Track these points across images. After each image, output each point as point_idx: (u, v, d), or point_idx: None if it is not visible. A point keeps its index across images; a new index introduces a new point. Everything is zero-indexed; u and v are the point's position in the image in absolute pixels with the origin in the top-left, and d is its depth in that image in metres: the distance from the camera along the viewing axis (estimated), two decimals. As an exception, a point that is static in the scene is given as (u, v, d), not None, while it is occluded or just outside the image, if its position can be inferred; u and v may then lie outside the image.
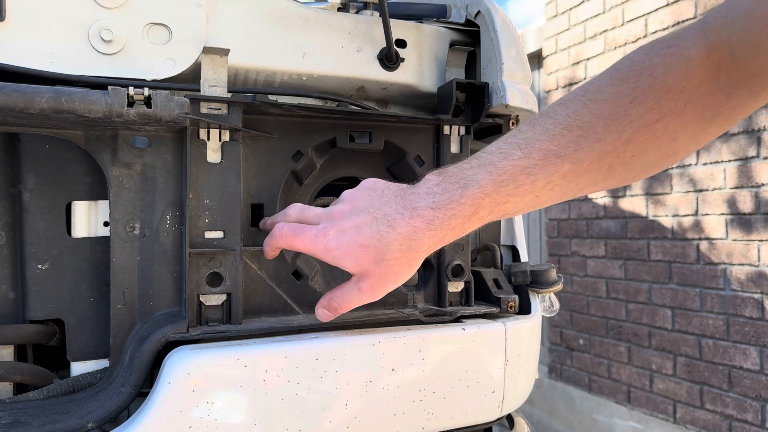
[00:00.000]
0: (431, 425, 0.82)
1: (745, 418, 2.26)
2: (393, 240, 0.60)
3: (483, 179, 0.57)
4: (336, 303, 0.68)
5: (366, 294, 0.65)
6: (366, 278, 0.63)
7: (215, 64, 0.74)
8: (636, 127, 0.52)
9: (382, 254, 0.60)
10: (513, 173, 0.56)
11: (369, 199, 0.64)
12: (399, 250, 0.60)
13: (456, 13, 1.00)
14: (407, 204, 0.61)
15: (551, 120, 0.56)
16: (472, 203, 0.57)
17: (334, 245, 0.63)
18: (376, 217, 0.61)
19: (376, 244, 0.60)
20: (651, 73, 0.52)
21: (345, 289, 0.67)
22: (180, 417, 0.67)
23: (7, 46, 0.69)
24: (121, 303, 0.73)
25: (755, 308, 2.23)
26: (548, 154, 0.55)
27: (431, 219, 0.59)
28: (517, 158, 0.56)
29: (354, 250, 0.62)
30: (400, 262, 0.61)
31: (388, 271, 0.62)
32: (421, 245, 0.60)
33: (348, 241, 0.62)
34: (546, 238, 3.48)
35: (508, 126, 0.92)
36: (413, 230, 0.59)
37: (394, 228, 0.60)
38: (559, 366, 3.33)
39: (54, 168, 0.74)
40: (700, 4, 2.45)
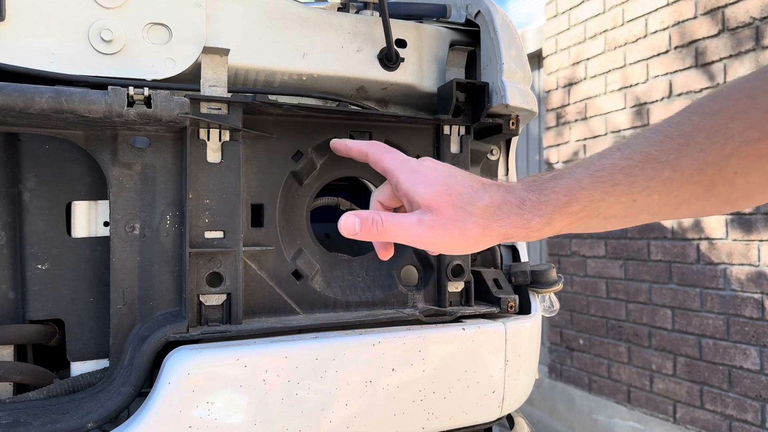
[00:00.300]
0: (431, 425, 0.82)
1: (745, 418, 2.26)
2: (482, 199, 0.58)
3: (579, 173, 0.56)
4: (382, 219, 0.61)
5: (423, 228, 0.59)
6: (432, 214, 0.59)
7: (215, 64, 0.74)
8: (738, 142, 0.51)
9: (465, 203, 0.58)
10: (611, 171, 0.55)
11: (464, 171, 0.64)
12: (483, 209, 0.58)
13: (456, 13, 1.00)
14: (503, 184, 0.60)
15: (652, 130, 0.56)
16: (566, 193, 0.56)
17: (421, 170, 0.61)
18: (473, 178, 0.61)
19: (464, 192, 0.59)
20: (750, 93, 0.51)
21: (402, 214, 0.61)
22: (180, 417, 0.67)
23: (7, 46, 0.69)
24: (121, 303, 0.73)
25: (755, 308, 2.23)
26: (649, 158, 0.54)
27: (523, 198, 0.57)
28: (617, 158, 0.55)
29: (439, 184, 0.60)
30: (476, 221, 0.58)
31: (459, 219, 0.58)
32: (505, 219, 0.58)
33: (437, 176, 0.61)
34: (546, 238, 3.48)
35: (508, 126, 0.92)
36: (503, 201, 0.58)
37: (486, 190, 0.59)
38: (559, 366, 3.33)
39: (54, 168, 0.74)
40: (700, 4, 2.45)
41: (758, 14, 2.19)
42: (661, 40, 2.64)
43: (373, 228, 0.61)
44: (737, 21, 2.28)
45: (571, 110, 3.22)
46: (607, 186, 0.55)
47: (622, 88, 2.86)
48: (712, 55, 2.39)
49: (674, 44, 2.58)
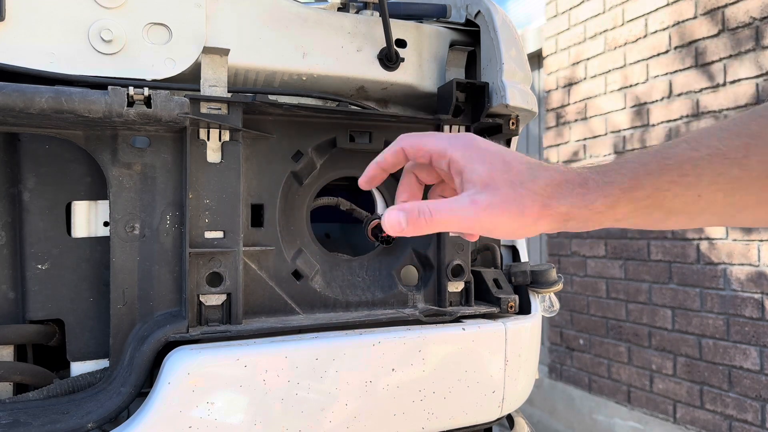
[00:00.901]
0: (431, 425, 0.82)
1: (745, 418, 2.26)
2: (542, 176, 0.54)
3: (646, 158, 0.54)
4: (429, 209, 0.55)
5: (478, 209, 0.53)
6: (488, 192, 0.54)
7: (215, 64, 0.74)
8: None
9: (524, 180, 0.53)
10: (679, 160, 0.53)
11: None
12: (542, 189, 0.53)
13: (456, 13, 1.00)
14: (562, 166, 0.56)
15: (717, 128, 0.54)
16: (632, 176, 0.53)
17: (476, 147, 0.56)
18: (529, 157, 0.57)
19: (522, 168, 0.54)
20: None
21: (449, 200, 0.55)
22: (180, 417, 0.67)
23: (7, 46, 0.69)
24: (121, 303, 0.73)
25: (755, 308, 2.23)
26: (716, 153, 0.52)
27: (586, 177, 0.54)
28: (684, 149, 0.53)
29: (495, 160, 0.55)
30: (535, 199, 0.53)
31: (518, 198, 0.53)
32: (566, 196, 0.53)
33: (492, 152, 0.55)
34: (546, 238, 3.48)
35: (508, 126, 0.92)
36: (565, 180, 0.54)
37: (547, 169, 0.55)
38: (559, 366, 3.33)
39: (54, 168, 0.74)
40: (700, 4, 2.45)
41: (758, 14, 2.19)
42: (661, 40, 2.64)
43: (421, 220, 0.55)
44: (737, 21, 2.28)
45: (571, 110, 3.22)
46: (674, 175, 0.52)
47: (622, 88, 2.86)
48: (712, 55, 2.39)
49: (674, 44, 2.58)
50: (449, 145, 0.57)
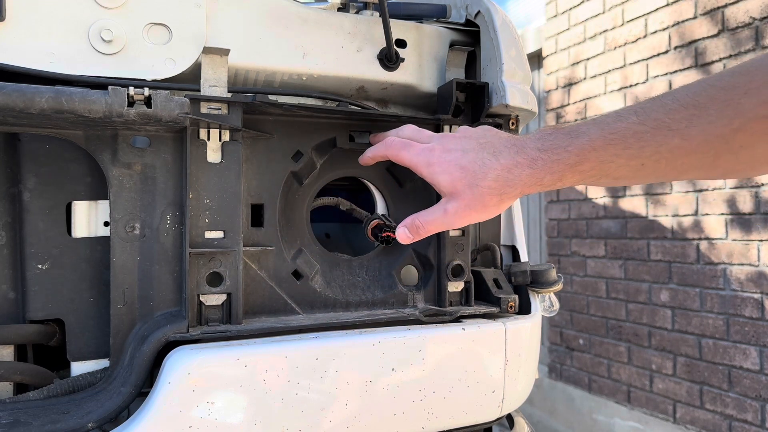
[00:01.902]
0: (431, 425, 0.82)
1: (745, 418, 2.26)
2: (492, 168, 0.63)
3: (594, 133, 0.59)
4: (420, 221, 0.70)
5: (450, 216, 0.67)
6: (455, 200, 0.66)
7: (215, 64, 0.74)
8: (747, 118, 0.53)
9: (479, 180, 0.64)
10: (624, 134, 0.58)
11: (481, 132, 0.68)
12: (495, 180, 0.63)
13: (456, 13, 1.00)
14: (516, 142, 0.64)
15: (671, 97, 0.58)
16: (579, 153, 0.59)
17: (436, 161, 0.67)
18: (483, 145, 0.65)
19: (476, 168, 0.64)
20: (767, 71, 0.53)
21: (431, 210, 0.70)
22: (180, 417, 0.67)
23: (7, 46, 0.69)
24: (121, 303, 0.73)
25: (755, 308, 2.23)
26: (661, 125, 0.56)
27: (534, 158, 0.62)
28: (631, 122, 0.58)
29: (453, 169, 0.65)
30: (492, 192, 0.64)
31: (478, 197, 0.64)
32: (518, 181, 0.62)
33: (450, 160, 0.66)
34: (546, 238, 3.48)
35: (508, 126, 0.92)
36: (515, 164, 0.62)
37: (497, 158, 0.63)
38: (559, 366, 3.33)
39: (54, 168, 0.74)
40: (700, 4, 2.45)
41: (758, 14, 2.19)
42: (661, 40, 2.64)
43: (419, 231, 0.71)
44: (737, 21, 2.28)
45: (571, 110, 3.22)
46: (618, 149, 0.58)
47: (622, 88, 2.86)
48: (711, 55, 2.39)
49: (674, 44, 2.58)
50: (417, 164, 0.69)
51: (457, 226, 0.69)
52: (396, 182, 0.94)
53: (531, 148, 0.62)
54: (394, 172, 0.93)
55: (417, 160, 0.69)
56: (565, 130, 0.62)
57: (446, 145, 0.68)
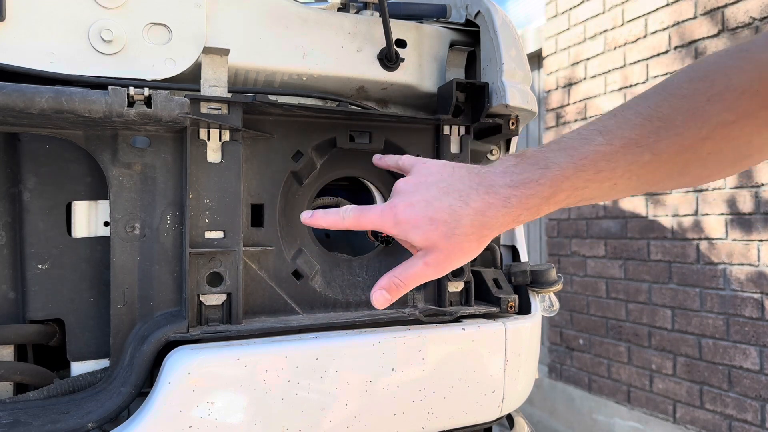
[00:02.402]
0: (431, 425, 0.82)
1: (745, 418, 2.26)
2: (465, 215, 0.60)
3: (564, 162, 0.57)
4: (399, 279, 0.64)
5: (431, 269, 0.63)
6: (432, 252, 0.62)
7: (215, 64, 0.74)
8: (713, 125, 0.52)
9: (453, 229, 0.60)
10: (594, 158, 0.56)
11: (439, 175, 0.64)
12: (471, 225, 0.60)
13: (456, 13, 1.00)
14: (482, 181, 0.60)
15: (632, 111, 0.57)
16: (552, 185, 0.57)
17: (403, 218, 0.62)
18: (447, 192, 0.61)
19: (447, 218, 0.60)
20: (725, 73, 0.52)
21: (409, 264, 0.64)
22: (180, 417, 0.67)
23: (7, 46, 0.69)
24: (121, 303, 0.73)
25: (755, 308, 2.23)
26: (629, 143, 0.55)
27: (507, 197, 0.58)
28: (599, 144, 0.56)
29: (423, 223, 0.61)
30: (470, 238, 0.61)
31: (456, 246, 0.61)
32: (494, 222, 0.59)
33: (417, 215, 0.62)
34: (546, 238, 3.48)
35: (508, 126, 0.92)
36: (487, 206, 0.59)
37: (467, 203, 0.60)
38: (559, 366, 3.33)
39: (54, 168, 0.74)
40: (700, 4, 2.45)
41: (758, 14, 2.19)
42: (661, 40, 2.64)
43: (399, 289, 0.65)
44: (737, 21, 2.28)
45: (571, 110, 3.22)
46: (590, 173, 0.56)
47: (622, 88, 2.86)
48: (711, 55, 2.39)
49: (674, 44, 2.58)
50: (384, 225, 0.64)
51: (440, 275, 0.65)
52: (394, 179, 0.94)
53: (501, 185, 0.59)
54: (395, 172, 0.93)
55: (382, 221, 0.64)
56: (531, 159, 0.59)
57: (407, 198, 0.63)
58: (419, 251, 0.64)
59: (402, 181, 0.66)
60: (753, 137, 0.54)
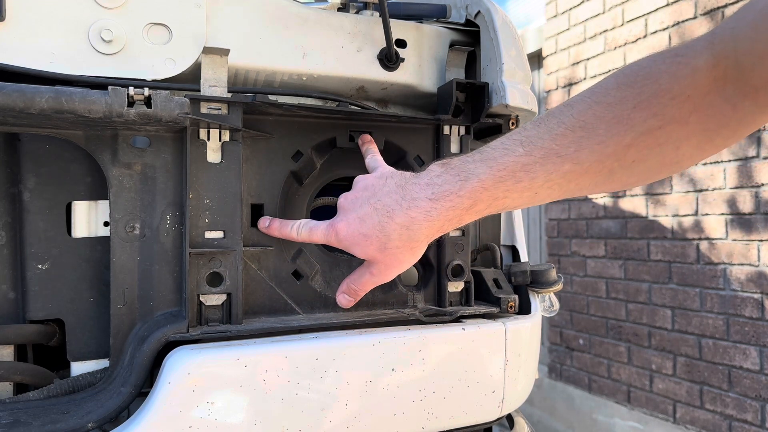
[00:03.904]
0: (431, 425, 0.82)
1: (745, 418, 2.26)
2: (392, 230, 0.64)
3: (483, 173, 0.59)
4: (354, 286, 0.73)
5: (377, 277, 0.70)
6: (374, 264, 0.69)
7: (215, 64, 0.74)
8: (638, 132, 0.52)
9: (384, 243, 0.65)
10: (513, 169, 0.57)
11: (372, 189, 0.68)
12: (399, 239, 0.64)
13: (456, 13, 1.00)
14: (406, 195, 0.64)
15: (556, 120, 0.57)
16: (470, 196, 0.59)
17: (343, 236, 0.68)
18: (377, 208, 0.65)
19: (378, 234, 0.65)
20: (656, 79, 0.52)
21: (358, 273, 0.72)
22: (180, 417, 0.67)
23: (7, 46, 0.69)
24: (121, 303, 0.73)
25: (755, 308, 2.23)
26: (549, 153, 0.56)
27: (428, 210, 0.62)
28: (519, 155, 0.57)
29: (359, 240, 0.66)
30: (402, 250, 0.65)
31: (392, 258, 0.66)
32: (419, 234, 0.63)
33: (353, 232, 0.67)
34: (546, 238, 3.48)
35: (508, 126, 0.92)
36: (411, 221, 0.62)
37: (392, 218, 0.63)
38: (559, 366, 3.33)
39: (54, 168, 0.74)
40: (700, 4, 2.45)
41: (758, 14, 2.19)
42: (661, 40, 2.64)
43: (357, 293, 0.75)
44: (737, 21, 2.27)
45: (571, 110, 3.22)
46: (509, 184, 0.58)
47: (622, 88, 2.86)
48: (711, 55, 2.39)
49: (674, 44, 2.57)
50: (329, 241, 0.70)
51: (387, 280, 0.71)
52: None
53: (422, 198, 0.62)
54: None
55: (326, 239, 0.70)
56: (455, 170, 0.61)
57: (346, 216, 0.68)
58: (365, 262, 0.70)
59: (343, 197, 0.71)
60: (681, 143, 0.53)
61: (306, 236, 0.73)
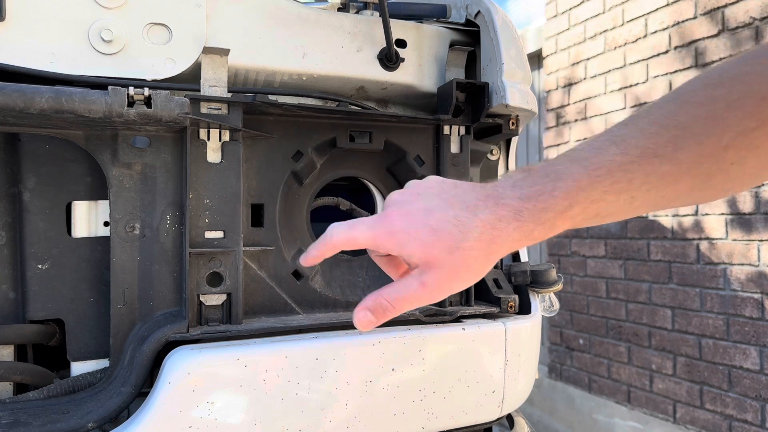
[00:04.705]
0: (431, 425, 0.82)
1: (745, 418, 2.26)
2: (473, 226, 0.53)
3: (577, 172, 0.52)
4: (388, 300, 0.56)
5: (429, 290, 0.55)
6: (432, 270, 0.54)
7: (215, 64, 0.74)
8: (735, 132, 0.49)
9: (458, 241, 0.53)
10: (610, 168, 0.52)
11: (440, 187, 0.57)
12: (478, 240, 0.53)
13: (456, 13, 1.00)
14: (490, 194, 0.54)
15: (645, 120, 0.53)
16: (566, 197, 0.52)
17: (399, 227, 0.55)
18: (452, 203, 0.55)
19: (451, 229, 0.53)
20: (743, 80, 0.49)
21: (402, 285, 0.56)
22: (180, 417, 0.67)
23: (7, 46, 0.69)
24: (121, 303, 0.73)
25: (755, 308, 2.23)
26: (646, 152, 0.51)
27: (519, 209, 0.53)
28: (613, 154, 0.52)
29: (423, 233, 0.54)
30: (477, 254, 0.53)
31: (461, 262, 0.53)
32: (505, 237, 0.53)
33: (416, 223, 0.54)
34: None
35: (508, 126, 0.92)
36: (498, 218, 0.53)
37: (475, 214, 0.53)
38: (559, 366, 3.33)
39: (54, 168, 0.74)
40: (700, 4, 2.45)
41: (758, 14, 2.19)
42: (661, 40, 2.64)
43: (387, 312, 0.57)
44: (737, 21, 2.28)
45: (571, 110, 3.22)
46: (606, 185, 0.52)
47: (622, 88, 2.86)
48: (711, 55, 2.39)
49: (674, 44, 2.58)
50: (376, 236, 0.56)
51: (438, 299, 0.56)
52: (396, 182, 0.94)
53: (510, 197, 0.53)
54: (394, 172, 0.93)
55: (372, 234, 0.56)
56: (541, 172, 0.54)
57: (404, 207, 0.56)
58: (414, 270, 0.56)
59: (397, 192, 0.59)
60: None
61: (343, 240, 0.58)
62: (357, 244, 0.58)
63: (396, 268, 0.65)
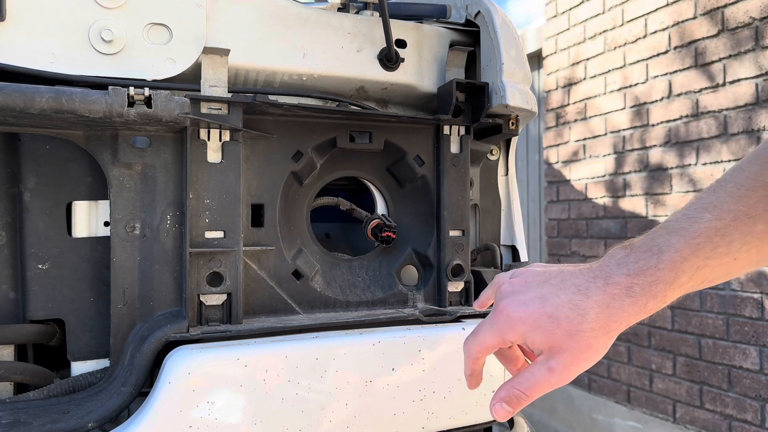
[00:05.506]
0: (431, 425, 0.82)
1: (745, 417, 2.26)
2: (589, 308, 0.56)
3: (677, 243, 0.55)
4: (521, 390, 0.59)
5: (557, 374, 0.57)
6: (557, 355, 0.57)
7: (215, 64, 0.74)
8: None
9: (578, 325, 0.56)
10: (708, 235, 0.54)
11: (547, 273, 0.61)
12: (596, 320, 0.56)
13: (456, 13, 1.00)
14: (598, 274, 0.57)
15: (732, 184, 0.55)
16: (672, 268, 0.54)
17: (517, 317, 0.58)
18: (563, 288, 0.58)
19: (569, 313, 0.56)
20: None
21: (531, 373, 0.59)
22: (180, 417, 0.67)
23: (7, 46, 0.69)
24: (122, 303, 0.73)
25: (755, 308, 2.23)
26: (739, 215, 0.54)
27: (629, 286, 0.55)
28: (708, 221, 0.54)
29: (543, 321, 0.57)
30: (597, 334, 0.56)
31: (583, 344, 0.56)
32: (621, 314, 0.55)
33: (533, 312, 0.58)
34: (546, 238, 3.48)
35: (508, 126, 0.92)
36: (611, 297, 0.55)
37: (588, 296, 0.56)
38: (559, 366, 3.33)
39: (54, 168, 0.74)
40: (700, 4, 2.45)
41: (758, 14, 2.19)
42: (661, 40, 2.64)
43: (521, 401, 0.60)
44: (737, 21, 2.28)
45: (571, 110, 3.22)
46: (707, 251, 0.54)
47: (622, 88, 2.86)
48: (711, 55, 2.39)
49: (674, 44, 2.58)
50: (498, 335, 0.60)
51: (567, 382, 0.59)
52: (396, 182, 0.94)
53: (618, 275, 0.56)
54: (394, 172, 0.93)
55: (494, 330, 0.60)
56: (643, 248, 0.56)
57: (518, 297, 0.59)
58: (540, 357, 0.58)
59: (507, 283, 0.62)
60: None
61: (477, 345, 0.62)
62: (491, 348, 0.62)
63: (514, 362, 0.69)
